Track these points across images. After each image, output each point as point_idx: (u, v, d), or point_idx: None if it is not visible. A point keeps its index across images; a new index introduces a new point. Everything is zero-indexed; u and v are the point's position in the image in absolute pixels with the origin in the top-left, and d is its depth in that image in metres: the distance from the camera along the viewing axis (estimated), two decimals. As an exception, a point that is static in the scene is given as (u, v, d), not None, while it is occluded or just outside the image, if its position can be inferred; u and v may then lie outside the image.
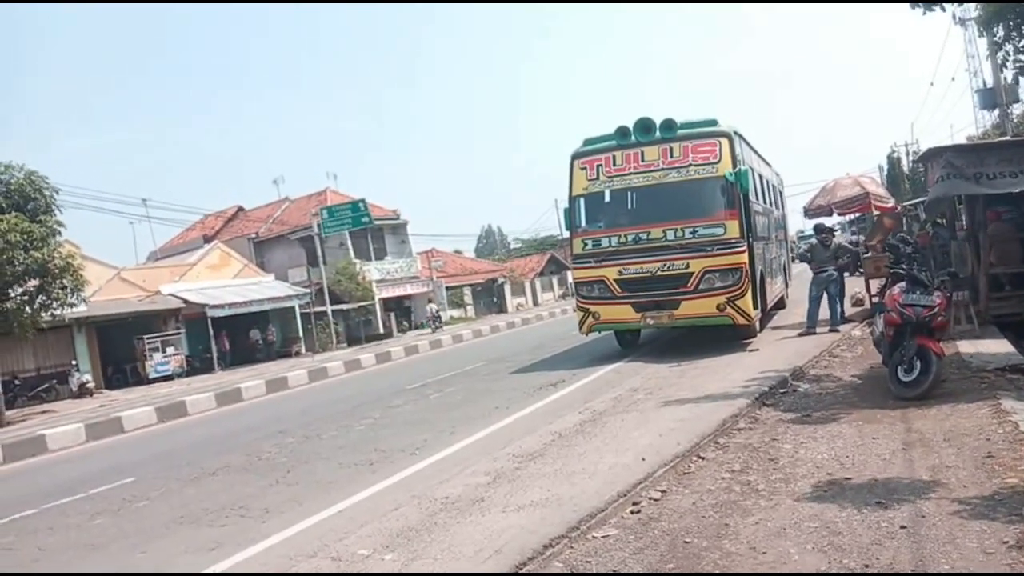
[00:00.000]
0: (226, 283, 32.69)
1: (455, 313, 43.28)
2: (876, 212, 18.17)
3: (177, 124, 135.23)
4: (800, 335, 11.86)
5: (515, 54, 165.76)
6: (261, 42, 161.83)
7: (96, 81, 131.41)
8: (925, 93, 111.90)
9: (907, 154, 56.70)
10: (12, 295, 19.85)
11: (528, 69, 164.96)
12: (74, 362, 25.98)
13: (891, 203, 18.51)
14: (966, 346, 8.97)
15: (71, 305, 21.06)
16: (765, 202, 14.36)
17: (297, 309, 30.73)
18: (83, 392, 24.44)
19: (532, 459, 6.13)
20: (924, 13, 9.45)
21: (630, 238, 11.55)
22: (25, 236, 18.50)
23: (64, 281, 20.09)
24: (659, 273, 11.21)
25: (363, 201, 33.65)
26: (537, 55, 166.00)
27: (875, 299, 12.62)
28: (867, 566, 3.43)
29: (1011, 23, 6.76)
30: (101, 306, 27.20)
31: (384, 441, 7.96)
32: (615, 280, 11.52)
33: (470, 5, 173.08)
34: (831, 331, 11.79)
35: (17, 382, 24.29)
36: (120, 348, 28.57)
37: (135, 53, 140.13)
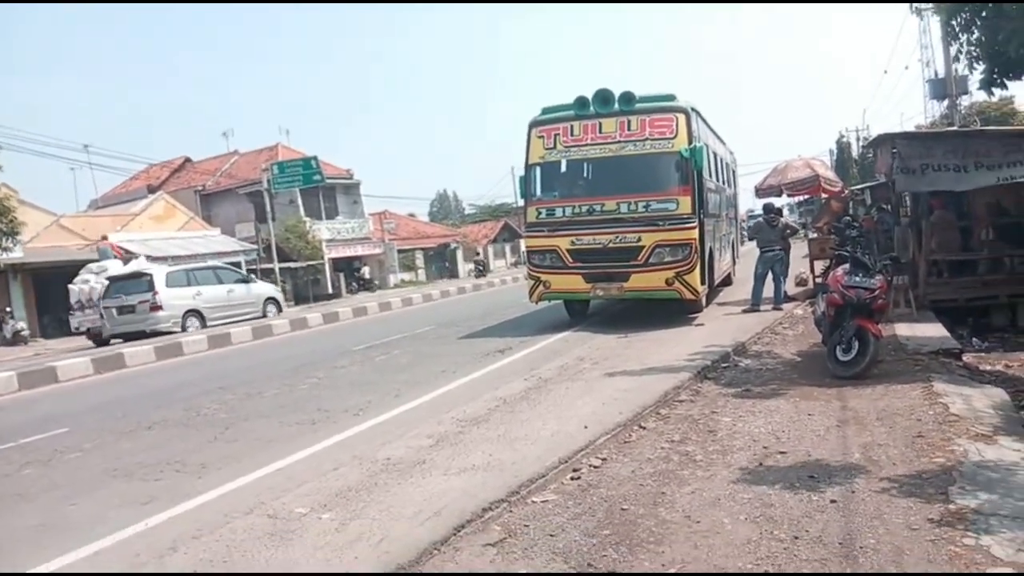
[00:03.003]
0: (170, 235, 31.89)
1: (406, 276, 42.99)
2: (824, 195, 18.53)
3: (125, 72, 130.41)
4: (744, 312, 12.09)
5: (481, 19, 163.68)
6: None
7: (41, 24, 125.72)
8: (878, 81, 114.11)
9: (857, 139, 57.85)
10: (-58, 236, 19.11)
11: (492, 35, 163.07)
12: (8, 309, 25.16)
13: (839, 187, 18.88)
14: (903, 329, 9.25)
15: (5, 249, 20.38)
16: (718, 180, 14.50)
17: (244, 265, 30.13)
18: (17, 340, 23.71)
19: (476, 424, 6.15)
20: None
21: (584, 209, 11.55)
22: (-43, 176, 17.75)
23: (-1, 225, 19.39)
24: (611, 245, 11.26)
25: (315, 158, 32.99)
26: (504, 21, 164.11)
27: (818, 280, 12.93)
28: (796, 537, 3.53)
29: (966, 15, 6.86)
30: (38, 253, 26.33)
31: (327, 401, 7.89)
32: (567, 250, 11.53)
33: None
34: (774, 309, 12.04)
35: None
36: (57, 297, 27.67)
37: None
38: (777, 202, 18.26)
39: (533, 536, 3.82)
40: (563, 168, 11.96)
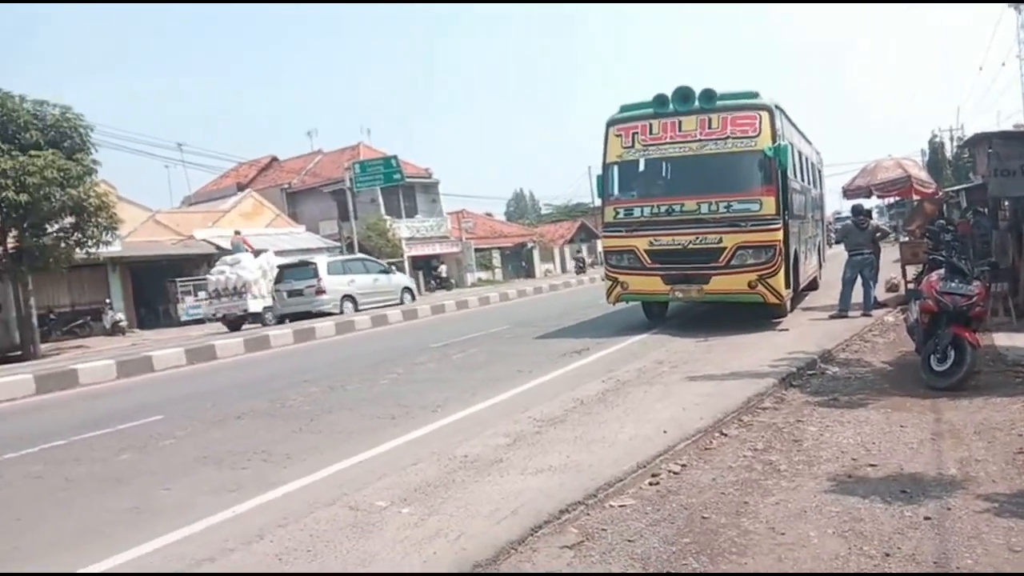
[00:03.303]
0: (258, 232, 32.99)
1: (483, 275, 43.34)
2: (917, 197, 17.76)
3: (215, 73, 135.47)
4: (831, 317, 11.69)
5: (560, 19, 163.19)
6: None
7: (136, 26, 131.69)
8: (973, 78, 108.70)
9: (951, 139, 55.36)
10: (48, 231, 20.22)
11: (572, 36, 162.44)
12: (108, 300, 26.50)
13: (932, 188, 18.04)
14: (1002, 339, 8.78)
15: (105, 243, 21.42)
16: (803, 180, 14.08)
17: None
18: (116, 330, 24.96)
19: (553, 424, 6.13)
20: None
21: (663, 209, 11.39)
22: (62, 173, 18.74)
23: (99, 219, 20.42)
24: (691, 246, 11.07)
25: (395, 158, 33.63)
26: (584, 20, 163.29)
27: (911, 285, 12.41)
28: (887, 555, 3.39)
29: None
30: (135, 247, 27.64)
31: (406, 397, 8.01)
32: (645, 251, 11.40)
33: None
34: (863, 315, 11.61)
35: (52, 316, 24.86)
36: (153, 289, 29.08)
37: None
38: (866, 204, 17.61)
39: (611, 541, 3.78)
40: (641, 167, 11.82)
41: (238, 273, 21.25)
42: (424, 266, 38.77)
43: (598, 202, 13.85)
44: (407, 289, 24.99)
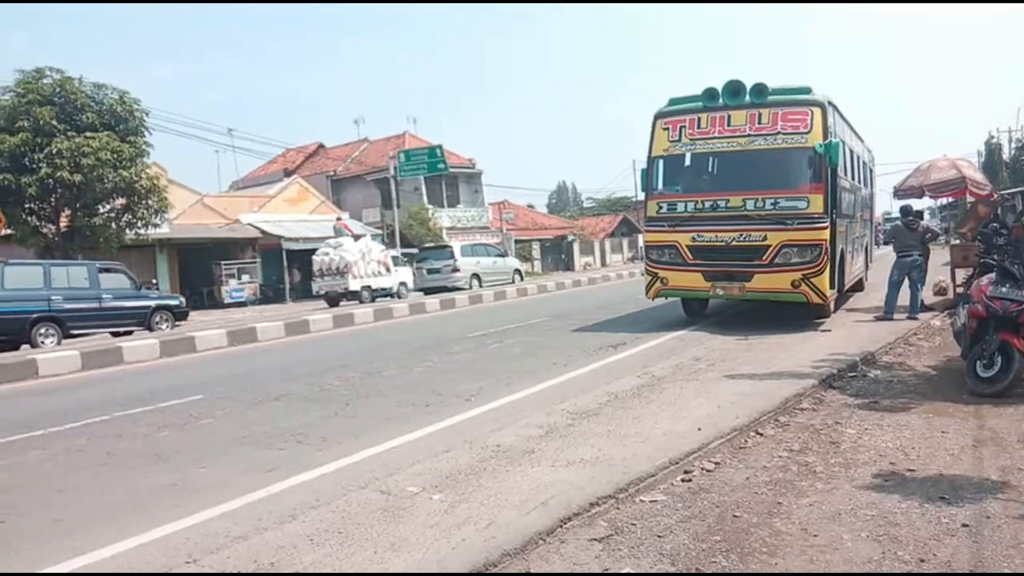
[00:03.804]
0: (303, 217, 33.47)
1: (522, 267, 43.30)
2: (971, 199, 17.28)
3: (266, 59, 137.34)
4: (876, 320, 11.45)
5: (609, 14, 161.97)
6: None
7: (181, 10, 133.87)
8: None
9: (1009, 140, 53.63)
10: (100, 211, 20.76)
11: (615, 30, 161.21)
12: (154, 281, 27.05)
13: (988, 190, 17.51)
14: (1054, 347, 8.50)
15: (155, 225, 21.97)
16: (853, 179, 13.79)
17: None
18: (161, 310, 25.43)
19: (586, 417, 6.12)
20: None
21: (707, 204, 11.25)
22: (115, 155, 19.24)
23: (149, 201, 20.94)
24: (734, 243, 10.92)
25: (440, 147, 33.76)
26: (633, 15, 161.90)
27: (959, 289, 12.09)
28: (922, 560, 3.31)
29: None
30: (183, 229, 28.22)
31: (441, 385, 8.06)
32: (687, 246, 11.28)
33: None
34: (909, 318, 11.34)
35: (101, 295, 25.47)
36: (198, 271, 29.68)
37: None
38: (919, 204, 17.17)
39: (640, 535, 3.76)
40: (687, 161, 11.69)
41: (341, 255, 23.67)
42: (464, 256, 38.88)
43: (641, 196, 13.76)
44: (517, 270, 29.45)
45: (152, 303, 17.89)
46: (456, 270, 25.67)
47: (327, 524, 4.02)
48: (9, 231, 19.52)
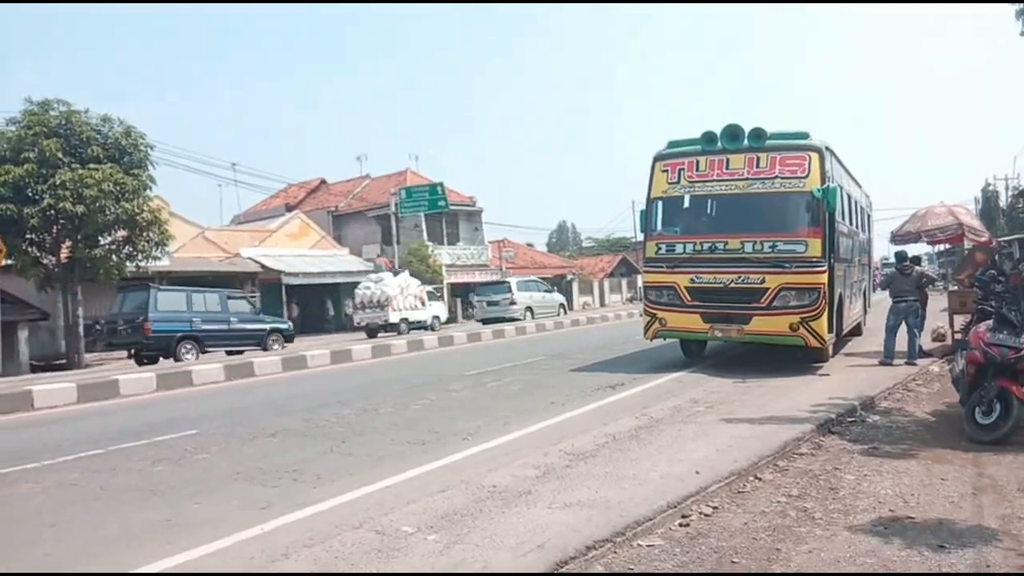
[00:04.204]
0: (303, 252, 33.55)
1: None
2: (969, 245, 17.37)
3: (269, 96, 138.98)
4: (879, 364, 11.43)
5: (604, 56, 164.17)
6: (354, 26, 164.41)
7: (190, 46, 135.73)
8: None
9: (1006, 188, 54.16)
10: (101, 243, 20.79)
11: (616, 72, 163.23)
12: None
13: (986, 237, 17.63)
14: (1053, 395, 8.48)
15: (155, 258, 21.94)
16: (851, 223, 13.88)
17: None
18: (159, 343, 25.35)
19: (583, 458, 6.08)
20: None
21: (706, 246, 11.31)
22: (118, 187, 19.32)
23: (150, 234, 20.95)
24: (732, 285, 10.95)
25: (441, 185, 34.00)
26: (626, 57, 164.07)
27: (958, 335, 12.09)
28: (923, 611, 3.28)
29: None
30: (183, 262, 28.22)
31: (438, 423, 8.02)
32: (686, 288, 11.31)
33: (566, 4, 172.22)
34: (907, 364, 11.34)
35: (99, 327, 25.42)
36: (197, 305, 29.56)
37: (230, 23, 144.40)
38: (916, 250, 17.27)
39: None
40: (686, 203, 11.77)
41: (382, 289, 25.44)
42: (463, 293, 38.92)
43: (640, 237, 13.82)
44: (562, 304, 33.32)
45: (267, 326, 21.07)
46: (513, 303, 29.01)
47: (320, 564, 3.97)
48: (9, 261, 19.52)
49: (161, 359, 18.37)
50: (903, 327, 11.85)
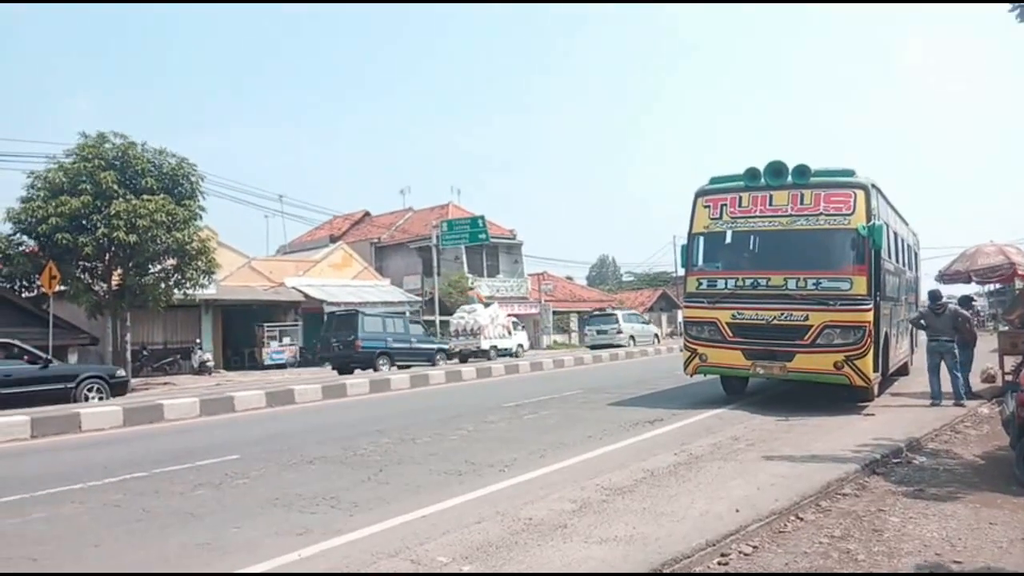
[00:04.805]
0: (345, 282, 34.01)
1: (559, 338, 43.26)
2: (1020, 285, 16.94)
3: (315, 129, 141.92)
4: (930, 405, 11.13)
5: (645, 89, 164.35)
6: (400, 61, 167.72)
7: (235, 81, 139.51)
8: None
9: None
10: (151, 271, 21.36)
11: (657, 105, 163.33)
12: (198, 340, 27.62)
13: (1038, 277, 17.16)
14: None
15: (202, 286, 22.46)
16: (897, 261, 13.66)
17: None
18: (203, 369, 25.94)
19: (620, 494, 6.02)
20: None
21: (748, 282, 11.21)
22: (170, 217, 19.87)
23: (199, 263, 21.47)
24: (775, 322, 10.82)
25: (482, 218, 34.33)
26: (666, 93, 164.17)
27: (1008, 377, 11.75)
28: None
29: None
30: (229, 290, 28.83)
31: (475, 454, 8.02)
32: (727, 324, 11.20)
33: (606, 36, 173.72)
34: (955, 405, 11.04)
35: (145, 352, 26.05)
36: (241, 332, 30.19)
37: (280, 58, 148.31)
38: (966, 290, 16.88)
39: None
40: (728, 239, 11.71)
41: (475, 318, 27.93)
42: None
43: (681, 271, 13.76)
44: (656, 334, 38.16)
45: (435, 346, 25.76)
46: (620, 332, 34.43)
47: (356, 591, 3.98)
48: (63, 288, 20.14)
49: (358, 370, 21.88)
50: (944, 367, 11.58)
